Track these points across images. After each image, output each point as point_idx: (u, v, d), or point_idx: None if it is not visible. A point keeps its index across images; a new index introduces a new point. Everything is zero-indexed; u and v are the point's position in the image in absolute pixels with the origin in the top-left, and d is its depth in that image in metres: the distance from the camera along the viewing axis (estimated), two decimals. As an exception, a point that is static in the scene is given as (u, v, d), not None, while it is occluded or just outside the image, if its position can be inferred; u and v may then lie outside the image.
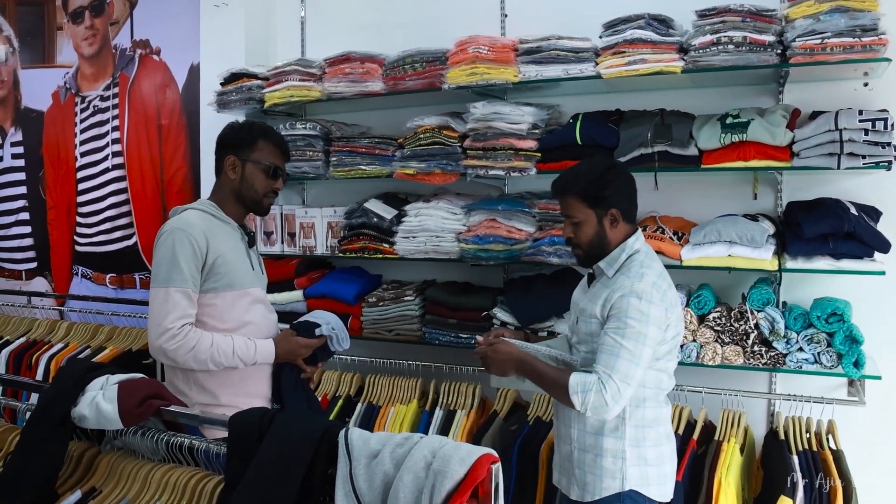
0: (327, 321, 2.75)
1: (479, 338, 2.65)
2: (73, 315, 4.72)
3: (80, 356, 4.14)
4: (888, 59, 2.72)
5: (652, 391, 2.44)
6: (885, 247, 2.86)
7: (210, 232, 2.55)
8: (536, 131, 3.31)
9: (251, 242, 2.76)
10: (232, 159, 2.66)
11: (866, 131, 2.78)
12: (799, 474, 2.75)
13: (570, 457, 2.52)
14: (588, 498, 2.45)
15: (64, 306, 4.93)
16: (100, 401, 1.93)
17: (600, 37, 3.09)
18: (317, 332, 2.71)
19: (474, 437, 3.23)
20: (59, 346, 4.26)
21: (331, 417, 3.45)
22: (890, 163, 2.79)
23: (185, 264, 2.47)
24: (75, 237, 5.25)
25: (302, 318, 2.78)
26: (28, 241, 5.53)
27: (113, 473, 1.97)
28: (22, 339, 4.37)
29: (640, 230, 2.55)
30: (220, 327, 2.56)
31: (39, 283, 5.47)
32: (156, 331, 2.46)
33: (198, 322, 2.54)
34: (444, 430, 3.36)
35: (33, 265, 5.52)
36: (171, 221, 2.57)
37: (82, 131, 5.18)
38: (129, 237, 5.00)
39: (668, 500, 2.49)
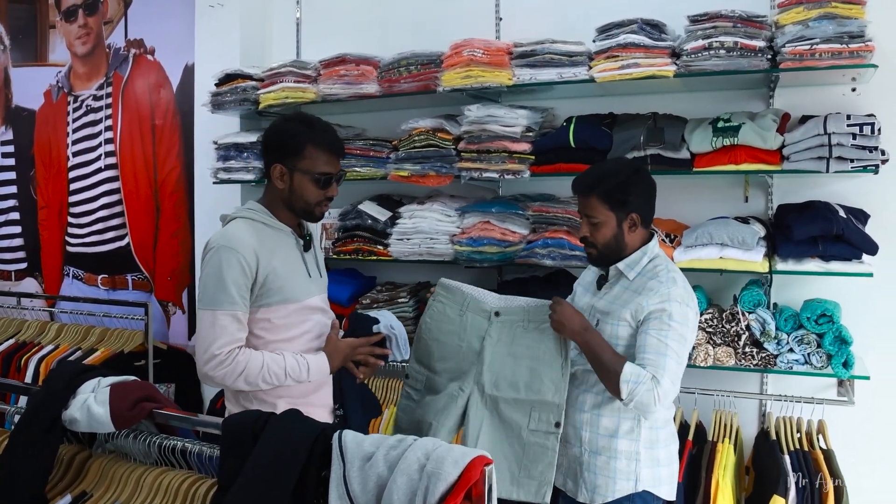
0: (389, 321, 2.62)
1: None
2: (64, 316, 4.71)
3: (70, 358, 4.13)
4: (875, 66, 2.75)
5: None
6: (872, 249, 2.88)
7: (260, 245, 2.37)
8: (530, 134, 3.32)
9: (307, 246, 2.56)
10: (279, 168, 2.42)
11: (854, 135, 2.80)
12: (791, 474, 2.77)
13: (578, 459, 2.51)
14: (599, 500, 2.45)
15: (55, 307, 4.91)
16: (91, 403, 1.92)
17: (594, 41, 3.10)
18: (374, 328, 2.58)
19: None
20: (50, 347, 4.25)
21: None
22: (877, 166, 2.82)
23: (232, 285, 2.31)
24: (67, 237, 5.24)
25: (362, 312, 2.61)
26: (18, 242, 5.51)
27: (104, 477, 1.97)
28: (11, 341, 4.36)
29: (655, 235, 2.57)
30: (273, 339, 2.43)
31: (29, 284, 5.44)
32: (203, 357, 2.32)
33: (252, 336, 2.40)
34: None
35: (23, 266, 5.49)
36: (218, 236, 2.38)
37: (75, 131, 5.16)
38: (121, 238, 4.99)
39: (674, 499, 2.51)
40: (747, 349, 3.01)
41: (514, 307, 2.67)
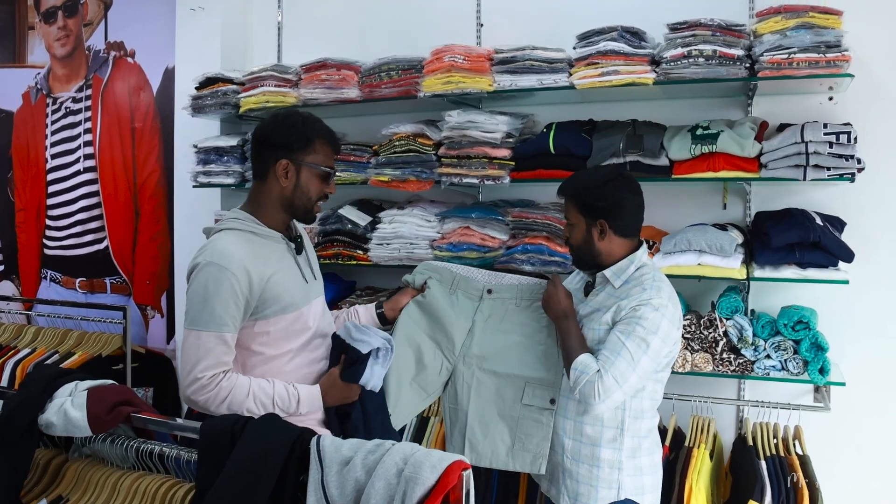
0: (377, 344, 2.42)
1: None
2: (41, 320, 4.66)
3: (47, 362, 4.10)
4: (851, 75, 2.78)
5: (649, 402, 2.48)
6: (849, 256, 2.91)
7: (252, 258, 2.24)
8: (510, 140, 3.33)
9: (298, 249, 2.44)
10: (285, 163, 2.32)
11: (831, 144, 2.83)
12: (767, 479, 2.79)
13: (560, 465, 2.53)
14: None
15: (31, 310, 4.87)
16: (68, 407, 1.91)
17: (574, 48, 3.12)
18: (370, 384, 2.40)
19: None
20: (26, 351, 4.22)
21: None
22: (853, 175, 2.85)
23: (219, 305, 2.17)
24: (44, 240, 5.20)
25: (343, 345, 2.45)
26: (-5, 244, 5.47)
27: (81, 481, 1.96)
28: (-13, 344, 4.32)
29: (644, 245, 2.57)
30: (273, 353, 2.32)
31: (6, 287, 5.39)
32: (185, 380, 2.19)
33: (250, 352, 2.30)
34: (418, 437, 3.36)
35: (0, 268, 5.44)
36: (207, 252, 2.23)
37: (53, 133, 5.13)
38: (100, 241, 4.96)
39: None
40: (725, 355, 3.03)
41: (506, 285, 2.74)
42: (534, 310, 2.68)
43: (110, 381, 2.03)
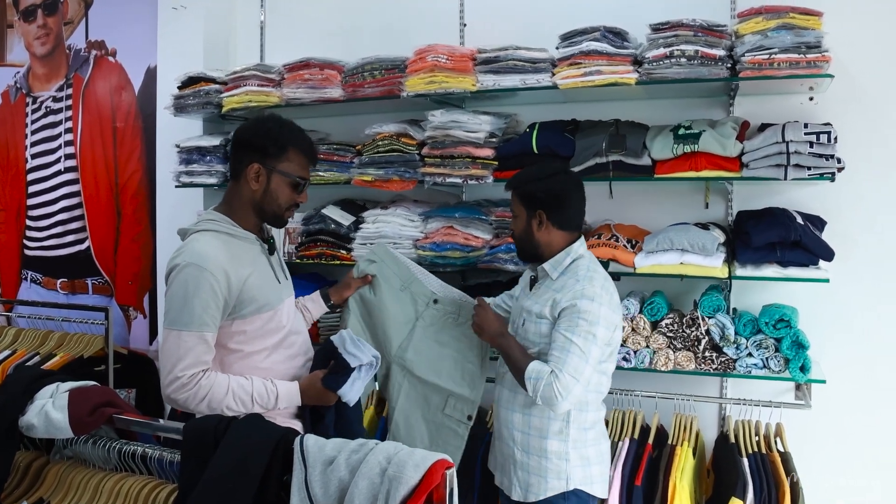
0: (365, 361, 2.46)
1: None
2: (22, 321, 4.62)
3: (28, 363, 4.06)
4: (831, 76, 2.81)
5: (594, 395, 2.56)
6: (829, 255, 2.93)
7: (230, 259, 2.28)
8: (494, 140, 3.33)
9: (271, 250, 2.49)
10: (257, 168, 2.35)
11: (811, 143, 2.85)
12: (749, 476, 2.81)
13: (511, 458, 2.60)
14: (532, 498, 2.55)
15: (12, 312, 4.83)
16: (49, 409, 1.90)
17: (557, 48, 3.13)
18: (346, 397, 2.43)
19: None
20: (6, 352, 4.18)
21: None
22: (833, 174, 2.87)
23: (198, 305, 2.20)
24: (25, 241, 5.15)
25: (333, 352, 2.48)
26: (-25, 245, 5.41)
27: (62, 483, 1.95)
28: (-34, 346, 4.28)
29: (582, 238, 2.65)
30: (251, 350, 2.36)
31: (-14, 289, 5.36)
32: (166, 378, 2.21)
33: (228, 351, 2.34)
34: (400, 436, 3.36)
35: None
36: (186, 253, 2.26)
37: (33, 132, 5.08)
38: (81, 241, 4.92)
39: (606, 497, 2.64)
40: (707, 353, 3.05)
41: (450, 298, 2.85)
42: (468, 327, 2.79)
43: (92, 383, 2.03)
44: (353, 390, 2.43)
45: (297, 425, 2.45)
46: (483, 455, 3.12)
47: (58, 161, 4.98)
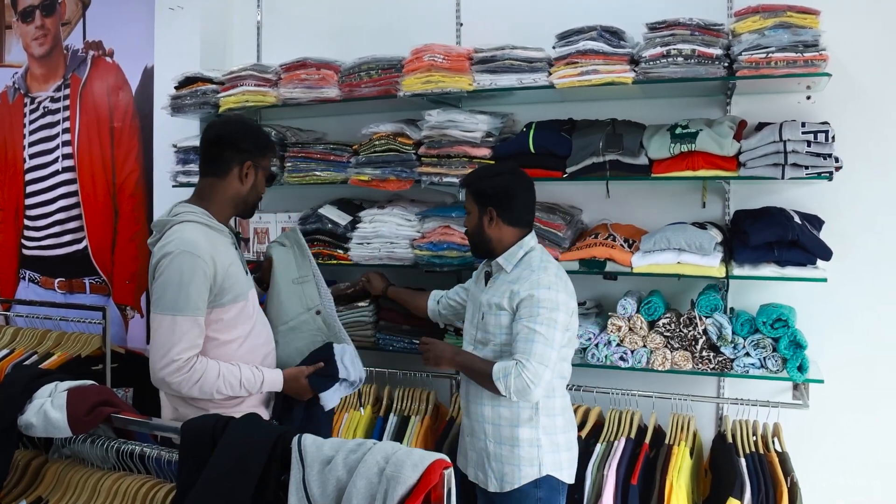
0: (347, 361, 2.67)
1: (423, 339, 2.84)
2: (20, 320, 4.63)
3: (26, 362, 4.06)
4: (829, 74, 2.81)
5: (559, 381, 2.66)
6: (826, 255, 2.93)
7: (214, 248, 2.40)
8: (490, 139, 3.34)
9: (238, 243, 2.65)
10: (249, 164, 2.53)
11: (809, 143, 2.85)
12: (746, 476, 2.81)
13: (485, 451, 2.67)
14: (507, 488, 2.62)
15: (10, 311, 4.82)
16: (48, 408, 1.90)
17: (553, 47, 3.13)
18: (325, 401, 2.64)
19: (436, 445, 3.25)
20: (5, 352, 4.18)
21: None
22: (831, 173, 2.88)
23: (194, 291, 2.32)
24: (23, 240, 5.15)
25: (329, 356, 2.66)
26: (-27, 245, 5.41)
27: (61, 482, 1.95)
28: (-35, 345, 4.27)
29: (533, 232, 2.77)
30: (225, 339, 2.45)
31: (-16, 288, 5.35)
32: (160, 361, 2.32)
33: (206, 338, 2.41)
34: (399, 436, 3.37)
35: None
36: (175, 242, 2.36)
37: (31, 133, 5.08)
38: (79, 241, 4.92)
39: (573, 483, 2.72)
40: (704, 353, 3.05)
41: (331, 320, 2.79)
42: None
43: (90, 382, 2.03)
44: (332, 397, 2.65)
45: (264, 413, 2.56)
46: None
47: (55, 161, 4.98)
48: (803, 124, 2.90)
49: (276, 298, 2.75)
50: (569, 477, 2.68)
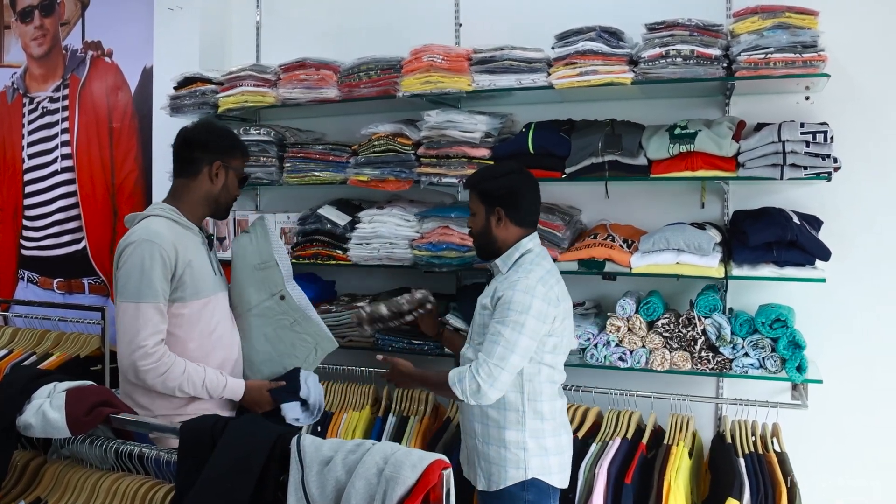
0: (309, 387, 2.69)
1: (380, 357, 2.84)
2: (19, 321, 4.62)
3: (25, 363, 4.06)
4: (827, 75, 2.81)
5: (547, 385, 2.62)
6: (825, 255, 2.94)
7: (177, 241, 2.48)
8: (490, 140, 3.34)
9: (210, 245, 2.71)
10: (218, 164, 2.61)
11: (808, 143, 2.86)
12: (745, 477, 2.81)
13: (475, 449, 2.67)
14: (493, 487, 2.61)
15: (9, 311, 4.82)
16: (46, 409, 1.90)
17: (553, 48, 3.13)
18: (286, 411, 2.65)
19: (429, 444, 3.25)
20: (3, 352, 4.17)
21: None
22: (830, 174, 2.88)
23: (155, 278, 2.40)
24: (21, 241, 5.15)
25: (294, 376, 2.70)
26: (-28, 245, 5.40)
27: (59, 483, 1.95)
28: (-37, 346, 4.27)
29: (535, 233, 2.72)
30: (185, 336, 2.51)
31: (-17, 289, 5.35)
32: (128, 347, 2.39)
33: (167, 334, 2.47)
34: (397, 436, 3.36)
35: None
36: (138, 232, 2.47)
37: (30, 133, 5.08)
38: (77, 241, 4.92)
39: (566, 487, 2.70)
40: (703, 353, 3.05)
41: (297, 304, 2.78)
42: (300, 339, 2.77)
43: (89, 382, 2.02)
44: (293, 409, 2.66)
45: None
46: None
47: (54, 161, 4.98)
48: (802, 125, 2.90)
49: (236, 285, 2.76)
50: (560, 482, 2.65)
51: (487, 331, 2.53)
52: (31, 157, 5.08)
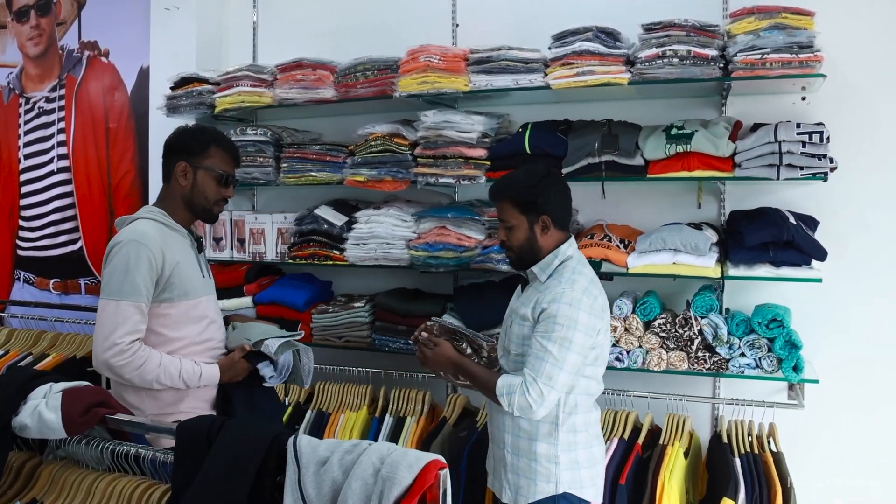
0: (273, 348, 2.65)
1: (424, 334, 2.70)
2: (15, 321, 4.62)
3: (21, 363, 4.05)
4: (823, 75, 2.82)
5: (583, 398, 2.51)
6: (821, 255, 2.94)
7: (165, 243, 2.51)
8: (486, 140, 3.34)
9: (200, 248, 2.72)
10: (183, 165, 2.61)
11: (804, 143, 2.86)
12: (741, 476, 2.81)
13: (503, 461, 2.58)
14: (522, 501, 2.51)
15: (4, 312, 4.81)
16: (42, 409, 1.90)
17: (549, 48, 3.13)
18: (262, 370, 2.68)
19: (423, 444, 3.24)
20: (-1, 353, 4.17)
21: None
22: (826, 174, 2.88)
23: (139, 277, 2.43)
24: (17, 241, 5.14)
25: (267, 344, 2.66)
26: (-32, 245, 5.39)
27: (55, 484, 1.94)
28: (-41, 346, 4.26)
29: (573, 237, 2.61)
30: (173, 336, 2.54)
31: (-21, 289, 5.34)
32: (103, 344, 2.41)
33: (151, 333, 2.50)
34: (394, 436, 3.36)
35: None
36: (126, 233, 2.51)
37: (26, 133, 5.08)
38: (74, 241, 4.91)
39: (601, 501, 2.58)
40: (700, 353, 3.05)
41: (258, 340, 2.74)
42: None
43: (85, 383, 2.02)
44: (265, 369, 2.68)
45: (212, 413, 2.62)
46: (470, 452, 3.13)
47: (51, 161, 4.97)
48: (798, 125, 2.91)
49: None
50: (593, 495, 2.53)
51: (530, 343, 2.43)
52: (27, 157, 5.07)
